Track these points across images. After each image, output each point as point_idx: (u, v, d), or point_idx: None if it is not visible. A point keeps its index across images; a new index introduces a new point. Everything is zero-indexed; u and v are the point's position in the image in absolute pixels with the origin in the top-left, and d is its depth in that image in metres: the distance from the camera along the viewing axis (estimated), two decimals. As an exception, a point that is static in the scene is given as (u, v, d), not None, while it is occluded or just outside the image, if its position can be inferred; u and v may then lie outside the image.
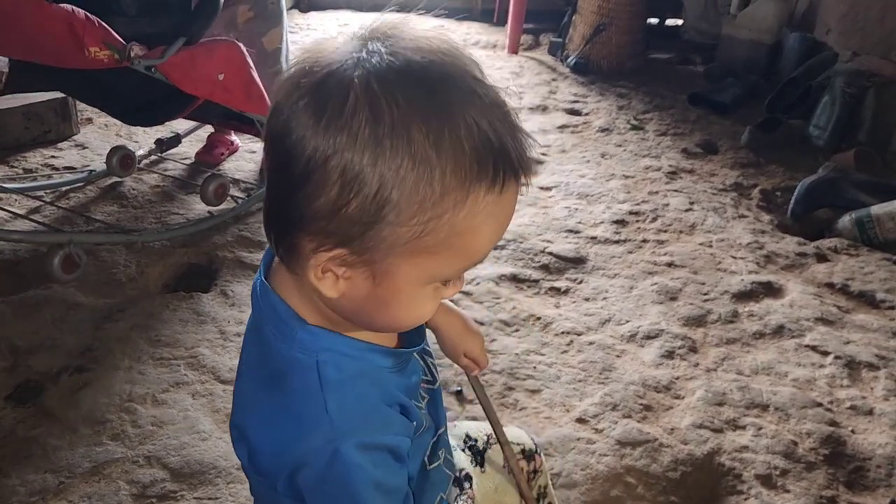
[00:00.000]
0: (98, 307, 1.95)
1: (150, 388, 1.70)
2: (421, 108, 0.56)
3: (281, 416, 0.68)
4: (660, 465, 1.61)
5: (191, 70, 2.01)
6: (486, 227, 0.61)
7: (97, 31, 1.87)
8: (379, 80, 0.56)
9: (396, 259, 0.61)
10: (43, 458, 1.51)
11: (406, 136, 0.56)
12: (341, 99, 0.56)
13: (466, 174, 0.57)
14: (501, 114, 0.60)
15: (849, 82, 3.31)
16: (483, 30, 4.98)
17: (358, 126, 0.56)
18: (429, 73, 0.58)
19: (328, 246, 0.61)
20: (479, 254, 0.64)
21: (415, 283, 0.64)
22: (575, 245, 2.47)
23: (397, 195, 0.57)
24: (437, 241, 0.60)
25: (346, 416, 0.66)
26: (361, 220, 0.58)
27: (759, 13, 4.21)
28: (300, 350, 0.68)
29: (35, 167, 2.60)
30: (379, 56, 0.58)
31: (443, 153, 0.56)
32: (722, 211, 2.80)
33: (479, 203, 0.59)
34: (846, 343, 2.06)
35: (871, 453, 1.70)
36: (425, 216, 0.58)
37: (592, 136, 3.44)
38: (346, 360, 0.68)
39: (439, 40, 0.61)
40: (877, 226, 2.57)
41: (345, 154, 0.56)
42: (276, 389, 0.69)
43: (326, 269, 0.63)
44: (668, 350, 1.98)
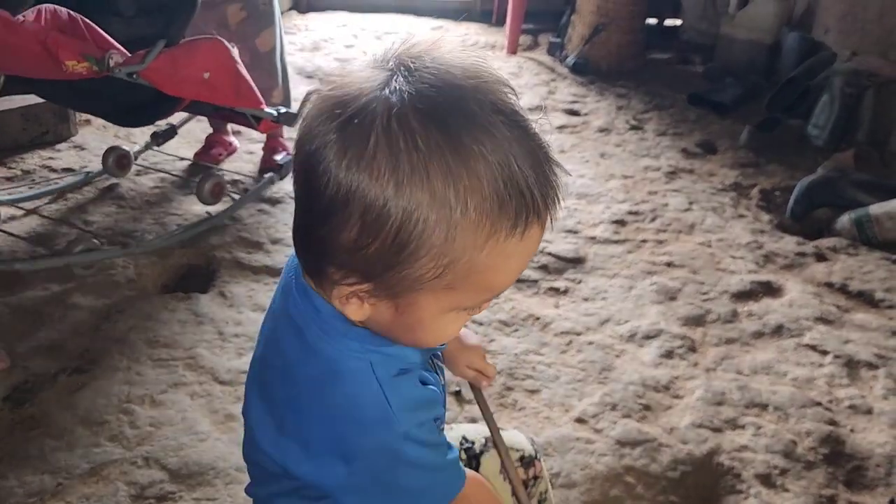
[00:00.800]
0: (96, 308, 1.95)
1: (149, 388, 1.70)
2: (440, 151, 0.56)
3: (338, 415, 0.70)
4: (659, 465, 1.61)
5: (174, 73, 1.98)
6: (508, 266, 0.62)
7: (72, 43, 1.85)
8: (399, 119, 0.56)
9: (418, 294, 0.63)
10: (41, 460, 1.50)
11: (425, 180, 0.56)
12: (364, 139, 0.56)
13: (486, 217, 0.57)
14: (528, 149, 0.59)
15: (848, 82, 3.31)
16: (482, 30, 4.98)
17: (378, 168, 0.56)
18: (452, 110, 0.57)
19: (351, 280, 0.62)
20: (501, 287, 0.65)
21: (437, 313, 0.65)
22: (574, 245, 2.47)
23: (416, 239, 0.57)
24: (457, 280, 0.61)
25: (407, 407, 0.70)
26: (381, 260, 0.59)
27: (758, 13, 4.21)
28: (350, 352, 0.70)
29: (33, 168, 2.60)
30: (400, 93, 0.57)
31: (462, 197, 0.56)
32: (721, 211, 2.79)
33: (499, 244, 0.59)
34: (845, 342, 2.06)
35: (871, 452, 1.70)
36: (445, 259, 0.59)
37: (591, 137, 3.44)
38: (391, 360, 0.71)
39: (467, 67, 0.60)
40: (875, 225, 2.57)
41: (366, 195, 0.56)
42: (329, 387, 0.70)
43: (351, 296, 0.64)
44: (667, 350, 1.98)
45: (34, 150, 2.73)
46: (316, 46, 4.36)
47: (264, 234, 2.36)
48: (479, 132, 0.56)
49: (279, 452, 0.74)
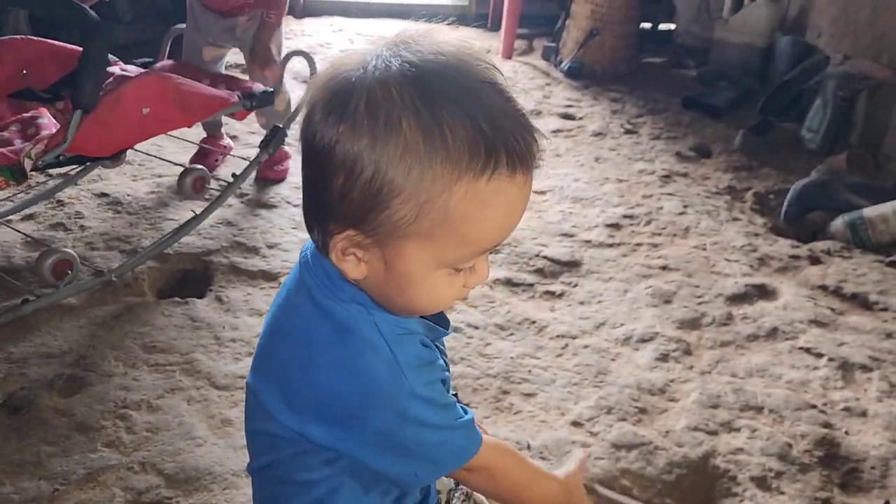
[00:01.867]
0: (92, 314, 1.95)
1: (145, 394, 1.70)
2: (413, 103, 0.62)
3: (348, 369, 0.73)
4: (655, 468, 1.62)
5: (104, 133, 1.87)
6: (483, 216, 0.65)
7: None
8: (383, 81, 0.63)
9: (401, 242, 0.66)
10: (37, 466, 1.50)
11: (398, 128, 0.62)
12: (346, 97, 0.64)
13: (455, 162, 0.62)
14: (505, 110, 0.65)
15: (841, 85, 3.32)
16: (477, 35, 4.99)
17: (360, 119, 0.63)
18: (435, 74, 0.64)
19: (341, 227, 0.67)
20: (480, 241, 0.68)
21: (423, 267, 0.69)
22: (569, 249, 2.47)
23: (391, 180, 0.63)
24: (435, 225, 0.65)
25: (411, 364, 0.73)
26: (364, 203, 0.64)
27: (752, 17, 4.23)
28: (357, 312, 0.74)
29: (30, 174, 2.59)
30: (388, 62, 0.64)
31: (432, 142, 0.62)
32: (715, 214, 2.80)
33: (470, 190, 0.63)
34: (840, 345, 2.06)
35: (866, 454, 1.70)
36: (419, 199, 0.63)
37: (586, 141, 3.45)
38: (392, 323, 0.74)
39: (457, 47, 0.67)
40: (869, 228, 2.58)
41: (346, 143, 0.63)
42: (346, 340, 0.73)
43: (347, 251, 0.69)
44: (662, 353, 1.99)
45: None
46: (312, 51, 4.33)
47: (260, 238, 2.36)
48: (457, 90, 0.63)
49: (291, 416, 0.76)
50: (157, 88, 1.97)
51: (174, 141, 2.86)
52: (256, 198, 2.61)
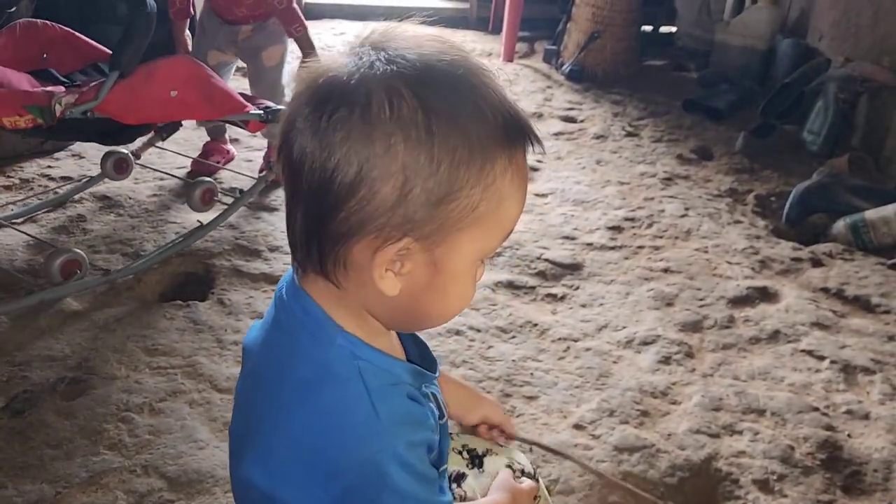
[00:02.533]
0: (95, 317, 1.95)
1: (148, 397, 1.70)
2: (455, 90, 0.63)
3: (322, 422, 0.66)
4: (657, 471, 1.61)
5: (132, 101, 1.91)
6: (520, 195, 0.67)
7: (11, 99, 1.73)
8: (409, 77, 0.61)
9: (456, 236, 0.64)
10: (40, 469, 1.50)
11: (453, 115, 0.61)
12: (380, 100, 0.60)
13: (506, 141, 0.64)
14: (499, 90, 0.66)
15: (842, 88, 3.33)
16: (478, 38, 5.00)
17: (409, 118, 0.60)
18: (445, 62, 0.64)
19: (394, 238, 0.62)
20: (512, 222, 0.69)
21: (469, 261, 0.68)
22: (571, 251, 2.47)
23: (456, 170, 0.61)
24: (490, 210, 0.64)
25: (396, 420, 0.67)
26: (428, 200, 0.62)
27: (752, 20, 4.24)
28: (339, 356, 0.68)
29: (31, 177, 2.60)
30: (386, 61, 0.63)
31: (486, 124, 0.62)
32: (717, 217, 2.81)
33: (516, 168, 0.65)
34: (842, 347, 2.06)
35: (868, 457, 1.70)
36: (482, 185, 0.63)
37: (588, 143, 3.46)
38: (379, 371, 0.69)
39: (433, 39, 0.68)
40: (871, 230, 2.58)
41: (403, 146, 0.60)
42: (314, 392, 0.67)
43: (388, 267, 0.64)
44: (664, 356, 1.99)
45: (33, 160, 2.73)
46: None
47: (262, 241, 2.36)
48: (469, 75, 0.64)
49: (262, 473, 0.69)
50: (188, 74, 2.01)
51: (176, 144, 2.87)
52: (258, 201, 2.62)
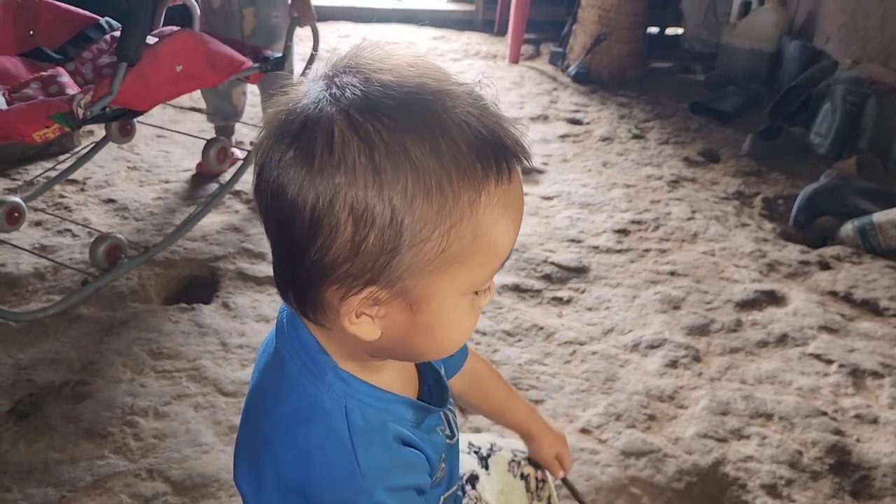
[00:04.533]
0: (99, 320, 1.95)
1: (152, 400, 1.70)
2: (408, 123, 0.56)
3: (304, 456, 0.66)
4: (664, 476, 1.60)
5: (144, 88, 1.93)
6: (505, 221, 0.61)
7: (34, 115, 1.73)
8: (359, 109, 0.56)
9: (429, 278, 0.60)
10: (45, 472, 1.50)
11: (403, 153, 0.55)
12: (327, 138, 0.56)
13: (473, 172, 0.57)
14: (481, 107, 0.60)
15: (849, 90, 3.31)
16: (484, 40, 5.00)
17: (353, 159, 0.55)
18: (404, 89, 0.58)
19: (357, 288, 0.59)
20: (505, 250, 0.63)
21: (452, 298, 0.63)
22: (577, 254, 2.47)
23: (411, 214, 0.56)
24: (464, 248, 0.59)
25: (375, 466, 0.65)
26: (384, 249, 0.57)
27: (759, 22, 4.22)
28: (329, 393, 0.67)
29: (37, 180, 2.61)
30: (350, 88, 0.57)
31: (444, 159, 0.56)
32: (724, 219, 2.79)
33: (492, 197, 0.59)
34: (850, 351, 2.05)
35: (877, 462, 1.69)
36: (445, 225, 0.57)
37: (594, 146, 3.45)
38: (370, 409, 0.67)
39: (404, 55, 0.61)
40: (879, 233, 2.56)
41: (348, 191, 0.56)
42: (300, 426, 0.67)
43: (360, 313, 0.61)
44: (671, 359, 1.98)
45: (38, 162, 2.74)
46: (318, 57, 4.37)
47: (267, 244, 2.35)
48: (436, 99, 0.58)
49: (250, 490, 0.70)
50: (189, 47, 2.03)
51: (181, 146, 2.87)
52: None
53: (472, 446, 1.09)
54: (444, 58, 4.51)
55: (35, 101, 1.80)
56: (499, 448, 1.09)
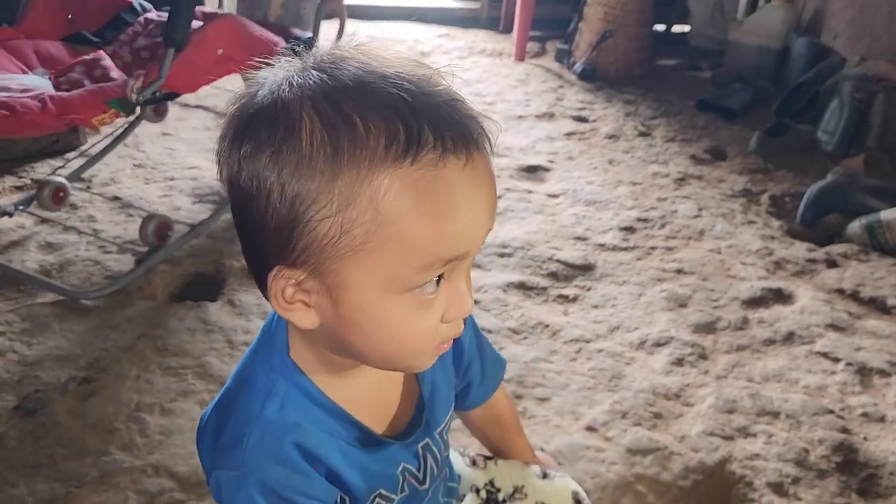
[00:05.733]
0: (105, 317, 1.95)
1: (158, 397, 1.70)
2: (318, 101, 0.55)
3: (223, 418, 0.69)
4: (670, 474, 1.60)
5: (191, 71, 1.99)
6: (424, 211, 0.56)
7: (93, 100, 1.81)
8: (290, 94, 0.57)
9: (339, 263, 0.58)
10: (51, 468, 1.51)
11: (297, 129, 0.55)
12: (251, 118, 0.58)
13: (371, 150, 0.54)
14: (435, 94, 0.57)
15: (857, 87, 3.30)
16: (489, 37, 4.99)
17: (260, 135, 0.56)
18: (350, 75, 0.57)
19: (276, 268, 0.60)
20: (431, 245, 0.57)
21: (372, 291, 0.59)
22: (583, 252, 2.46)
23: (300, 186, 0.55)
24: (370, 234, 0.56)
25: (259, 457, 0.65)
26: (283, 228, 0.57)
27: (766, 19, 4.21)
28: (266, 372, 0.68)
29: (43, 178, 2.61)
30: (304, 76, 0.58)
31: (337, 134, 0.54)
32: (731, 217, 2.78)
33: (397, 180, 0.55)
34: (857, 349, 2.04)
35: (884, 460, 1.68)
36: (338, 203, 0.55)
37: (600, 143, 3.44)
38: (293, 405, 0.67)
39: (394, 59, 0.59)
40: (887, 231, 2.55)
41: (250, 165, 0.57)
42: (234, 391, 0.70)
43: (292, 298, 0.61)
44: (677, 357, 1.97)
45: (44, 160, 2.74)
46: None
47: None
48: (373, 79, 0.56)
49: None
50: (231, 31, 2.09)
51: (186, 144, 2.87)
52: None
53: (492, 487, 1.00)
54: (450, 55, 4.51)
55: (92, 87, 1.90)
56: (522, 497, 0.99)
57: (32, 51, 2.16)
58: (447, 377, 0.81)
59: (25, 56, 2.14)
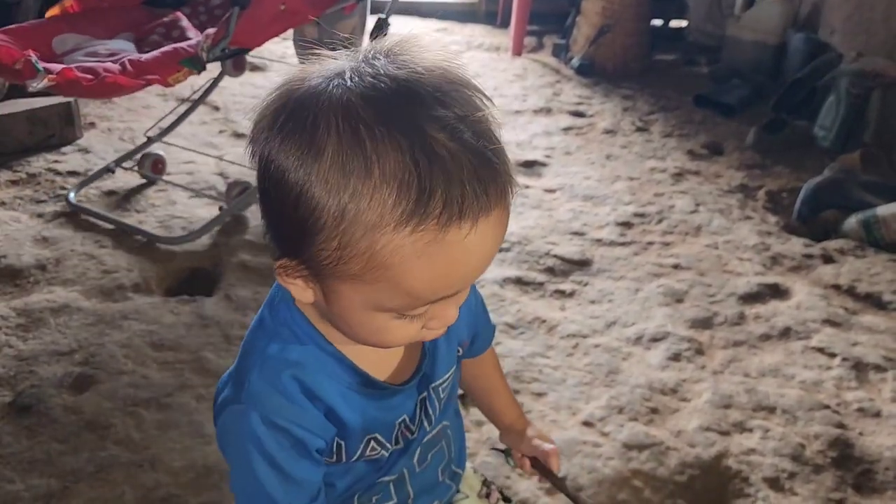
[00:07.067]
0: (101, 312, 1.95)
1: (154, 392, 1.70)
2: (349, 112, 0.55)
3: (235, 369, 0.74)
4: (667, 469, 1.60)
5: (255, 27, 2.07)
6: (419, 267, 0.57)
7: (167, 61, 1.95)
8: (335, 96, 0.56)
9: (333, 281, 0.61)
10: (47, 464, 1.50)
11: (322, 144, 0.55)
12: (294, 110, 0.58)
13: (378, 203, 0.55)
14: (465, 146, 0.56)
15: (854, 83, 3.29)
16: (486, 32, 4.98)
17: (288, 141, 0.57)
18: (391, 99, 0.56)
19: (282, 256, 0.63)
20: (420, 294, 0.60)
21: (361, 308, 0.63)
22: (580, 247, 2.46)
23: (311, 215, 0.57)
24: (363, 271, 0.58)
25: (258, 386, 0.69)
26: (293, 236, 0.60)
27: (764, 14, 4.20)
28: (273, 319, 0.72)
29: (38, 171, 2.60)
30: (354, 75, 0.58)
31: (354, 173, 0.55)
32: (728, 212, 2.78)
33: (400, 240, 0.56)
34: (853, 345, 2.04)
35: (880, 455, 1.69)
36: (341, 241, 0.57)
37: (597, 138, 3.44)
38: (296, 346, 0.71)
39: (434, 64, 0.59)
40: (883, 227, 2.55)
41: (275, 165, 0.58)
42: (245, 343, 0.75)
43: (293, 276, 0.64)
44: (674, 352, 1.97)
45: (40, 154, 2.73)
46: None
47: (270, 236, 2.35)
48: (403, 123, 0.55)
49: None
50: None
51: (184, 138, 2.86)
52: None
53: None
54: (447, 50, 4.49)
55: (167, 48, 2.02)
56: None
57: (116, 16, 2.33)
58: (451, 332, 0.82)
59: (110, 22, 2.30)
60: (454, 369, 0.86)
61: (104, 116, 3.08)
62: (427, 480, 0.87)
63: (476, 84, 0.61)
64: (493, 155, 0.58)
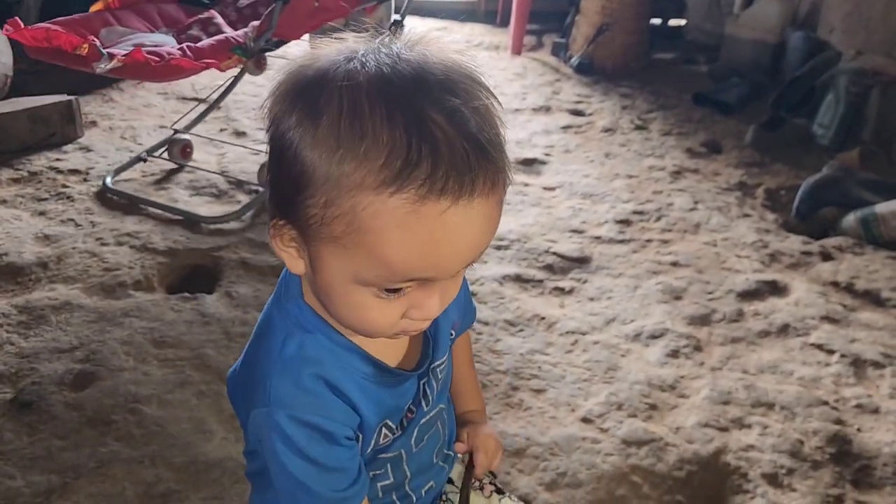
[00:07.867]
0: (102, 309, 1.96)
1: (155, 388, 1.70)
2: (357, 95, 0.58)
3: (249, 368, 0.75)
4: (665, 465, 1.61)
5: (295, 21, 2.24)
6: (396, 237, 0.59)
7: (219, 48, 2.13)
8: (348, 73, 0.59)
9: (317, 244, 0.63)
10: (48, 460, 1.51)
11: (322, 111, 0.59)
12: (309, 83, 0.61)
13: (367, 164, 0.57)
14: (462, 128, 0.58)
15: (853, 81, 3.30)
16: (486, 31, 4.99)
17: (296, 99, 0.61)
18: (396, 81, 0.58)
19: (275, 217, 0.66)
20: (395, 266, 0.61)
21: (340, 278, 0.64)
22: (579, 245, 2.47)
23: (305, 166, 0.60)
24: (346, 233, 0.60)
25: (280, 393, 0.70)
26: (287, 191, 0.62)
27: (763, 13, 4.21)
28: (282, 317, 0.73)
29: (40, 170, 2.61)
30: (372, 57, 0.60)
31: (349, 136, 0.57)
32: (726, 210, 2.79)
33: (381, 204, 0.57)
34: (852, 341, 2.05)
35: (878, 451, 1.69)
36: (327, 195, 0.59)
37: (596, 137, 3.44)
38: (311, 343, 0.72)
39: (448, 59, 0.61)
40: (881, 224, 2.56)
41: (278, 127, 0.62)
42: (255, 341, 0.76)
43: (287, 244, 0.67)
44: (672, 349, 1.98)
45: (41, 152, 2.74)
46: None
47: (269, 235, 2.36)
48: (404, 102, 0.57)
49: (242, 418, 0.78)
50: None
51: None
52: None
53: None
54: (447, 49, 4.50)
55: (219, 37, 2.24)
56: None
57: (156, 12, 2.53)
58: (446, 315, 0.83)
59: (151, 17, 2.51)
60: (450, 351, 0.88)
61: (105, 115, 3.09)
62: (423, 461, 0.89)
63: (486, 83, 0.63)
64: (489, 145, 0.59)
